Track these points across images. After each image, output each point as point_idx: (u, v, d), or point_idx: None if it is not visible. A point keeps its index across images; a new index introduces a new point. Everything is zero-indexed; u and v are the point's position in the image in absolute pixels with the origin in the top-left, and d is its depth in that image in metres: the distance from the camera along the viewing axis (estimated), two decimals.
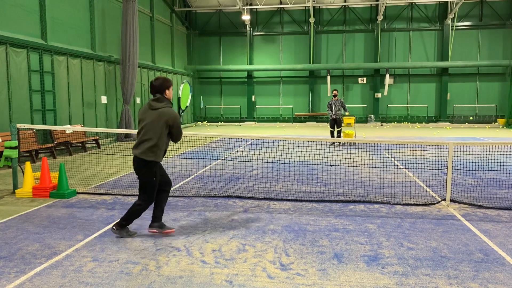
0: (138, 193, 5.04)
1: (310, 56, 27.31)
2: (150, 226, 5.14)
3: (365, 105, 27.42)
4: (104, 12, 17.08)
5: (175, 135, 4.94)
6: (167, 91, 4.93)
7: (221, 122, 28.49)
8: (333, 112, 14.80)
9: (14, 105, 11.81)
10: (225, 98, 28.83)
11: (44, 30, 13.26)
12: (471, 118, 26.37)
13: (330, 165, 9.89)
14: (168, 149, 5.19)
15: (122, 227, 5.00)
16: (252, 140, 14.73)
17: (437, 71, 26.61)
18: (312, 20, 26.66)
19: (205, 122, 28.55)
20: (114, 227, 4.99)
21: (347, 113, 15.40)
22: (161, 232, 5.12)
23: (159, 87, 4.88)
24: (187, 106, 5.60)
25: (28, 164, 7.56)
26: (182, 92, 5.44)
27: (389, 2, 25.20)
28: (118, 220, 5.10)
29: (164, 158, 5.19)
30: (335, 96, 15.08)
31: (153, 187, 4.94)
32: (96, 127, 15.86)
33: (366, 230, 5.39)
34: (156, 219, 5.12)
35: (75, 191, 7.46)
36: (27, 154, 11.15)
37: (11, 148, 7.55)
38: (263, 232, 5.29)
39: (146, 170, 4.87)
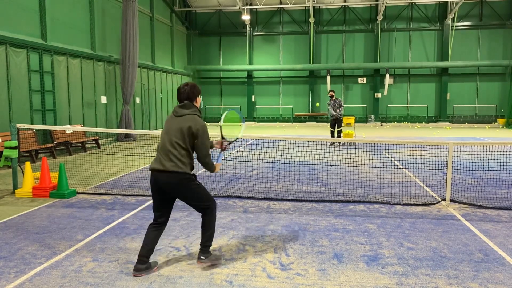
0: (196, 209, 4.21)
1: (310, 56, 27.32)
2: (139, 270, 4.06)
3: (365, 105, 27.43)
4: (104, 12, 17.08)
5: (199, 148, 4.01)
6: (198, 98, 4.20)
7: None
8: (334, 111, 14.81)
9: (14, 105, 11.81)
10: (225, 98, 28.84)
11: (44, 30, 13.26)
12: (474, 114, 26.38)
13: (330, 165, 9.89)
14: None
15: (207, 251, 4.20)
16: (252, 140, 14.73)
17: (437, 71, 26.61)
18: (312, 20, 26.66)
19: (205, 122, 28.57)
20: (202, 257, 4.13)
21: (336, 113, 14.99)
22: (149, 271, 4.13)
23: (189, 93, 4.12)
24: (237, 138, 4.81)
25: (28, 164, 7.56)
26: (226, 118, 4.69)
27: (389, 2, 25.20)
28: (200, 245, 4.19)
29: None
30: (331, 97, 15.08)
31: (204, 189, 4.19)
32: (96, 127, 15.86)
33: (366, 230, 5.39)
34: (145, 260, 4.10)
35: (75, 191, 7.46)
36: (27, 154, 11.14)
37: (11, 148, 7.55)
38: (263, 232, 5.29)
39: (186, 182, 3.99)
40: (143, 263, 4.03)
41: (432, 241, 4.95)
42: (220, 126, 4.75)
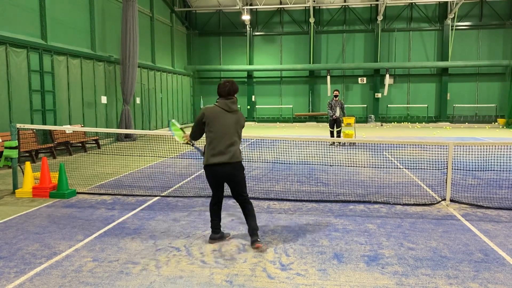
0: (238, 197, 4.73)
1: (310, 56, 27.31)
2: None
3: (365, 105, 27.43)
4: (104, 12, 17.08)
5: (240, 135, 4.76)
6: (235, 95, 4.71)
7: None
8: (333, 112, 14.79)
9: (14, 105, 11.81)
10: None
11: (44, 30, 13.26)
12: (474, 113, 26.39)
13: (330, 165, 9.89)
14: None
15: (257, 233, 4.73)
16: (252, 140, 14.72)
17: (437, 71, 26.61)
18: (312, 20, 26.66)
19: None
20: (258, 239, 4.63)
21: (343, 116, 15.15)
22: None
23: (231, 89, 4.62)
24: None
25: (28, 164, 7.56)
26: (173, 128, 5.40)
27: (389, 2, 25.20)
28: (254, 232, 4.68)
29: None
30: (336, 96, 15.01)
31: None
32: (96, 127, 15.86)
33: (366, 230, 5.39)
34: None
35: (75, 191, 7.46)
36: (27, 154, 11.14)
37: (11, 148, 7.55)
38: (263, 232, 5.29)
39: (241, 170, 4.67)
40: (217, 233, 4.89)
41: (432, 241, 4.95)
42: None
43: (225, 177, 4.62)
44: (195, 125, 4.71)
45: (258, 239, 4.65)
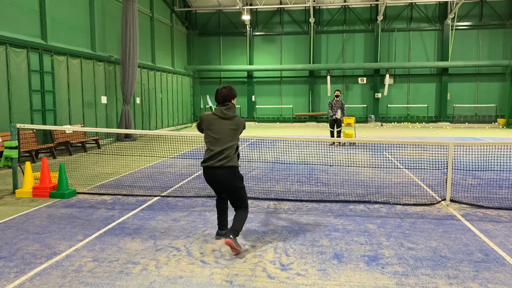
0: (234, 205, 4.75)
1: (310, 56, 27.32)
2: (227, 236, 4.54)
3: (365, 105, 27.43)
4: (104, 12, 17.08)
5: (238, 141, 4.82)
6: (233, 100, 4.74)
7: None
8: (334, 113, 14.79)
9: (14, 105, 11.81)
10: None
11: (44, 30, 13.26)
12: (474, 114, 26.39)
13: (330, 165, 9.89)
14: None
15: (236, 235, 4.59)
16: (252, 140, 14.73)
17: (437, 71, 26.61)
18: (312, 20, 26.66)
19: None
20: (230, 236, 4.46)
21: (343, 117, 15.11)
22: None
23: (228, 95, 4.66)
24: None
25: (28, 164, 7.56)
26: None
27: (389, 2, 25.20)
28: (231, 230, 4.54)
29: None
30: (337, 96, 14.98)
31: (245, 189, 4.79)
32: (96, 127, 15.86)
33: (366, 230, 5.39)
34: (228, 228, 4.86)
35: (75, 191, 7.46)
36: (27, 154, 11.14)
37: (11, 148, 7.55)
38: (263, 232, 5.29)
39: (237, 176, 4.65)
40: (223, 229, 4.99)
41: (432, 241, 4.95)
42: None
43: (217, 183, 4.67)
44: (200, 124, 4.84)
45: (231, 236, 4.43)
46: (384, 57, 26.86)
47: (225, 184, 4.62)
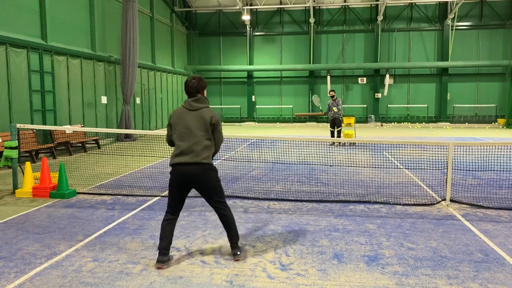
0: (212, 202, 4.31)
1: (310, 56, 27.31)
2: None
3: (365, 105, 27.42)
4: (104, 12, 17.08)
5: (216, 138, 4.29)
6: (205, 91, 4.37)
7: (221, 122, 28.47)
8: (331, 113, 14.83)
9: (14, 105, 11.81)
10: (225, 98, 28.84)
11: (44, 30, 13.26)
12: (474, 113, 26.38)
13: (330, 165, 9.89)
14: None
15: (239, 246, 4.46)
16: (252, 140, 14.72)
17: (437, 71, 26.60)
18: (312, 20, 26.65)
19: None
20: (238, 253, 4.36)
21: (336, 110, 14.93)
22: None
23: (197, 87, 4.26)
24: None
25: (28, 164, 7.56)
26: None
27: (389, 2, 25.20)
28: (233, 244, 4.40)
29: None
30: (332, 97, 15.07)
31: (221, 186, 4.39)
32: (96, 127, 15.86)
33: (366, 230, 5.39)
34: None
35: (75, 191, 7.46)
36: (27, 154, 11.14)
37: (11, 148, 7.55)
38: (263, 232, 5.29)
39: (211, 171, 4.22)
40: (165, 255, 4.22)
41: (432, 241, 4.95)
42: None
43: (189, 180, 4.14)
44: (167, 130, 4.39)
45: (238, 252, 4.37)
46: (384, 57, 26.86)
47: (198, 181, 4.15)
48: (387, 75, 25.92)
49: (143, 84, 20.57)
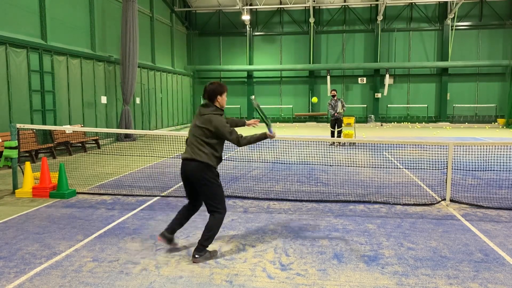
0: (207, 208, 4.44)
1: (310, 56, 27.31)
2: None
3: (365, 105, 27.42)
4: (104, 12, 17.08)
5: (225, 137, 4.48)
6: (219, 97, 4.50)
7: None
8: (335, 111, 14.83)
9: (14, 105, 11.81)
10: None
11: (44, 30, 13.26)
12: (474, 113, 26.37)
13: (330, 165, 9.89)
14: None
15: (203, 250, 4.40)
16: None
17: (437, 71, 26.61)
18: (312, 20, 26.66)
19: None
20: (196, 256, 4.33)
21: (342, 110, 15.06)
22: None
23: (210, 93, 4.48)
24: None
25: (28, 164, 7.55)
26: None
27: (389, 2, 25.20)
28: (198, 245, 4.39)
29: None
30: (334, 96, 15.10)
31: (221, 192, 4.44)
32: (96, 127, 15.86)
33: (366, 230, 5.39)
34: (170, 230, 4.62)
35: (75, 191, 7.46)
36: (27, 154, 11.14)
37: (11, 148, 7.55)
38: (263, 232, 5.29)
39: (208, 171, 4.33)
40: (169, 233, 4.58)
41: (432, 241, 4.95)
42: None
43: (185, 175, 4.41)
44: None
45: (197, 256, 4.31)
46: (384, 57, 26.86)
47: (193, 178, 4.33)
48: (387, 75, 25.92)
49: (143, 84, 20.57)
